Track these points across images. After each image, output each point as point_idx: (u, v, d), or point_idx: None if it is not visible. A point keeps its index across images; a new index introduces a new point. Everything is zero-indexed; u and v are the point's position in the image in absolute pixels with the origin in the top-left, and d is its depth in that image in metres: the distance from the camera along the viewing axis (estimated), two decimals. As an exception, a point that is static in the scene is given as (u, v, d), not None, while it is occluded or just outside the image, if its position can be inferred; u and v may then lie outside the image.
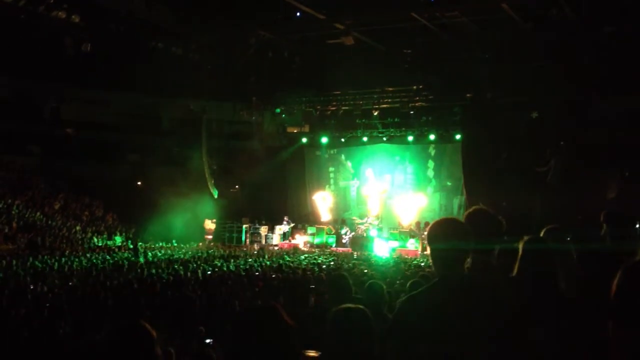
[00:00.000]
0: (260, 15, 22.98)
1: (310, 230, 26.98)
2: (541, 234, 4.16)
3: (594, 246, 4.36)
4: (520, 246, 3.83)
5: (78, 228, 26.32)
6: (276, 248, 25.72)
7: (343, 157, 29.53)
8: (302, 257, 20.91)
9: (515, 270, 3.75)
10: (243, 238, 27.84)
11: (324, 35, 24.01)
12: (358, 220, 26.97)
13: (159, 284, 12.61)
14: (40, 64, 26.13)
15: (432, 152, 27.33)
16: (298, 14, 22.57)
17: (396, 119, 27.16)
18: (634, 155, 20.54)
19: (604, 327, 2.41)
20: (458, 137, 25.75)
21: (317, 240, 26.36)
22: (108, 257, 20.66)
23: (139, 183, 30.18)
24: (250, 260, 19.03)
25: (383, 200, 27.60)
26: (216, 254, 21.59)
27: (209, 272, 15.30)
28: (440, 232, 3.10)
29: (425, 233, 3.21)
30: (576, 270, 3.96)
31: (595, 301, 3.39)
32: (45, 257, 19.62)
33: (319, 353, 3.37)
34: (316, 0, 21.17)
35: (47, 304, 10.34)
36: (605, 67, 20.86)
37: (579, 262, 4.02)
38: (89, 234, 26.25)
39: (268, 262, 18.48)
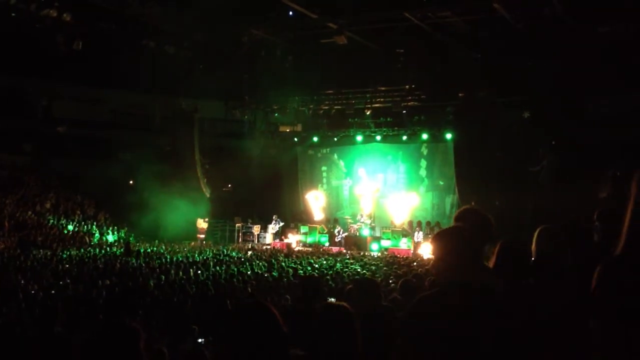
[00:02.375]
0: (252, 14, 22.94)
1: (303, 229, 26.97)
2: (535, 234, 4.18)
3: (587, 245, 4.38)
4: (495, 250, 3.87)
5: (70, 227, 26.23)
6: (268, 247, 25.70)
7: (335, 156, 29.55)
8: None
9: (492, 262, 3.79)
10: (236, 237, 27.82)
11: (317, 35, 23.99)
12: (350, 220, 27.01)
13: (151, 283, 12.59)
14: (32, 61, 26.03)
15: (425, 151, 27.38)
16: (291, 13, 22.55)
17: (389, 119, 27.21)
18: (626, 155, 20.62)
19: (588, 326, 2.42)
20: (450, 136, 25.81)
21: (309, 240, 26.37)
22: (100, 256, 20.60)
23: (131, 182, 30.10)
24: None
25: (376, 199, 27.62)
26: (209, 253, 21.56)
27: (199, 272, 15.27)
28: (449, 238, 3.11)
29: (422, 238, 3.20)
30: (569, 270, 3.97)
31: (588, 299, 3.40)
32: (37, 255, 19.55)
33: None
34: (309, -1, 21.17)
35: (39, 303, 10.30)
36: (597, 67, 20.93)
37: (572, 261, 4.04)
38: (81, 234, 26.15)
39: None
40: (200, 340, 7.89)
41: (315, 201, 29.17)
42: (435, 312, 2.86)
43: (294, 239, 26.51)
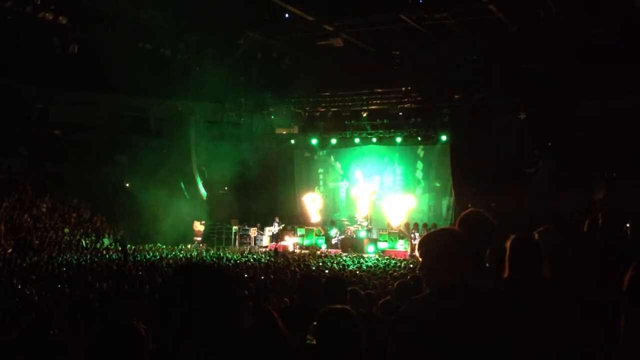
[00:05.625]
0: (249, 16, 22.97)
1: (300, 231, 26.96)
2: (535, 235, 4.17)
3: (590, 246, 4.38)
4: (508, 245, 3.82)
5: (66, 230, 26.16)
6: (266, 249, 25.68)
7: (332, 158, 29.54)
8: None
9: (506, 271, 3.74)
10: (232, 240, 27.80)
11: (313, 37, 24.02)
12: (347, 222, 27.00)
13: (147, 286, 12.56)
14: (28, 65, 25.96)
15: (421, 153, 27.40)
16: (287, 15, 22.59)
17: (385, 120, 27.20)
18: (622, 156, 20.68)
19: (600, 325, 2.43)
20: (446, 138, 25.82)
21: (306, 242, 26.35)
22: (97, 259, 20.56)
23: (127, 184, 30.06)
24: None
25: (372, 201, 27.61)
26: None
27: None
28: (438, 241, 3.08)
29: (418, 241, 3.17)
30: (570, 270, 3.97)
31: (591, 299, 3.41)
32: (34, 259, 19.51)
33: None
34: (305, 2, 21.19)
35: (35, 307, 10.28)
36: (593, 68, 21.00)
37: (574, 262, 4.04)
38: (77, 237, 26.09)
39: None
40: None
41: (312, 203, 29.16)
42: (428, 315, 2.84)
43: (290, 242, 26.50)
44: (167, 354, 2.13)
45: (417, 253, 3.20)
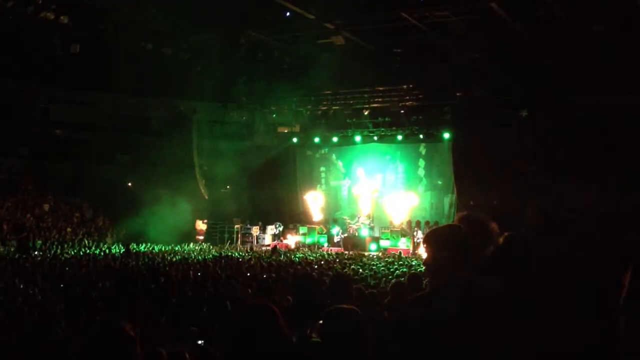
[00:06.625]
0: (250, 15, 22.94)
1: (302, 230, 26.97)
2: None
3: (590, 245, 4.37)
4: (501, 243, 3.81)
5: (69, 230, 26.20)
6: (268, 248, 25.68)
7: (334, 156, 29.56)
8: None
9: (500, 269, 3.73)
10: (235, 238, 27.82)
11: (314, 35, 23.98)
12: (349, 220, 27.01)
13: (151, 285, 12.58)
14: (29, 64, 25.98)
15: (423, 151, 27.41)
16: (288, 14, 22.55)
17: (387, 119, 27.22)
18: (622, 154, 20.64)
19: (599, 325, 2.43)
20: (448, 136, 25.82)
21: (308, 240, 26.36)
22: (99, 258, 20.55)
23: (129, 184, 30.07)
24: None
25: (374, 199, 27.64)
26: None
27: (199, 273, 15.27)
28: (444, 237, 3.09)
29: (422, 237, 3.20)
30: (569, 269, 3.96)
31: (590, 299, 3.40)
32: (37, 258, 19.52)
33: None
34: (306, 0, 21.16)
35: (38, 306, 10.29)
36: (594, 66, 20.95)
37: (572, 260, 4.02)
38: (80, 236, 26.13)
39: None
40: (199, 342, 7.87)
41: (314, 202, 29.18)
42: (429, 314, 2.83)
43: (292, 240, 26.51)
44: None
45: (422, 248, 3.20)
